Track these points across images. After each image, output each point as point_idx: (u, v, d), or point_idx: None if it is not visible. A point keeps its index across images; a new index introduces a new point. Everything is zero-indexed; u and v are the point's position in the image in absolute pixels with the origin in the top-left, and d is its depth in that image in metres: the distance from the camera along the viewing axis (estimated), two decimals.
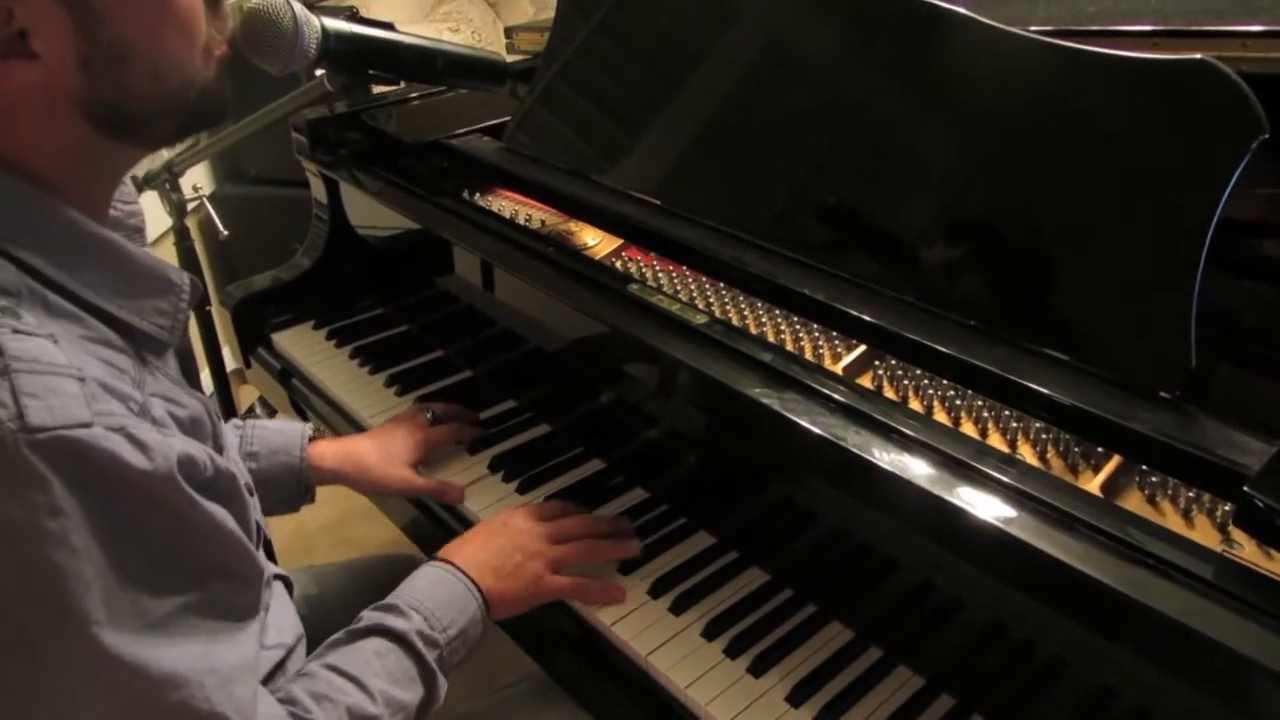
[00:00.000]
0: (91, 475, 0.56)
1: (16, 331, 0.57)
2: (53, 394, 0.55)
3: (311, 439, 1.11)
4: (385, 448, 1.12)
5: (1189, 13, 1.02)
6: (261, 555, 0.81)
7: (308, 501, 1.12)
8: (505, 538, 0.95)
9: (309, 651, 0.85)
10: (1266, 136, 0.76)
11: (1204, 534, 0.69)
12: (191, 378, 0.77)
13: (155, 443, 0.59)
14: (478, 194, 1.28)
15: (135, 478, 0.58)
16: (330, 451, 1.11)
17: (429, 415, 1.17)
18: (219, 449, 0.70)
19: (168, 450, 0.60)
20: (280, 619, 0.87)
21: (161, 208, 1.39)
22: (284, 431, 1.10)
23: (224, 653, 0.64)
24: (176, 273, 0.71)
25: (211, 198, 1.46)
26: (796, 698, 0.86)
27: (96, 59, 0.61)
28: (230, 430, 1.07)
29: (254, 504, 0.78)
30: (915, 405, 0.85)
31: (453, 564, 0.91)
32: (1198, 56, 0.80)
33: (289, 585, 0.97)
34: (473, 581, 0.90)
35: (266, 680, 0.79)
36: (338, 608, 0.93)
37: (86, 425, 0.56)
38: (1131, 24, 1.01)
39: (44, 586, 0.56)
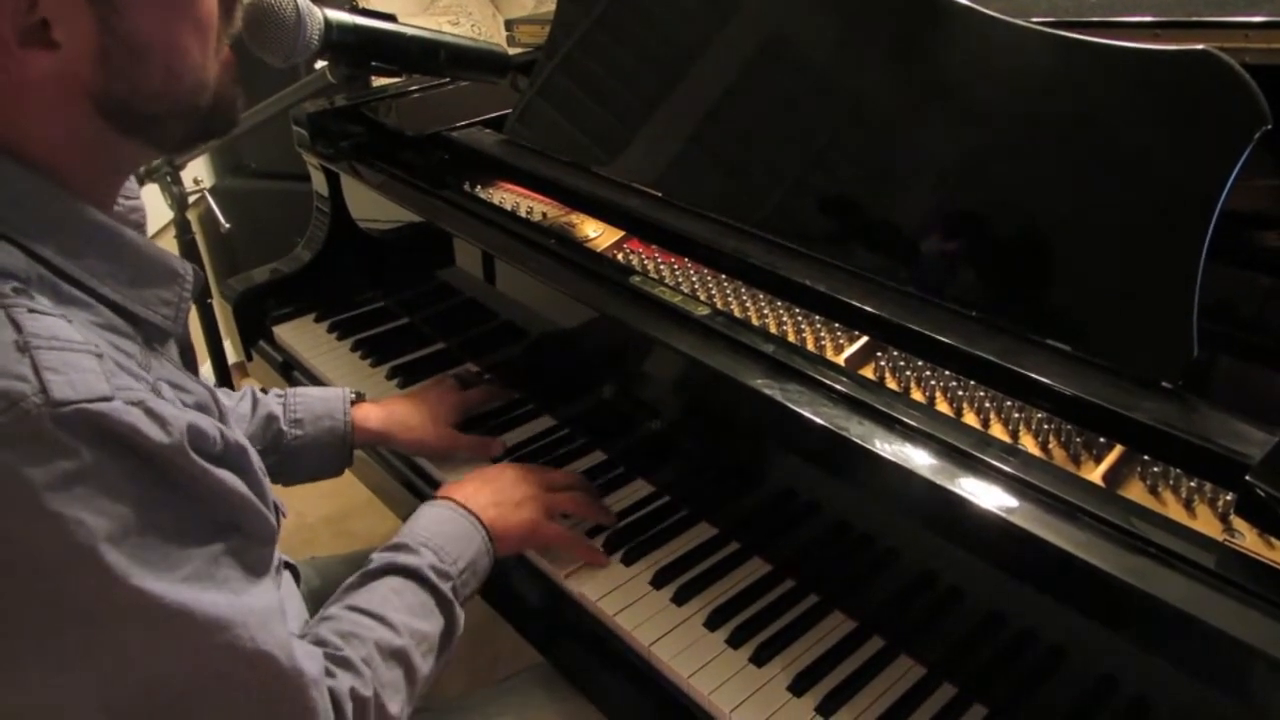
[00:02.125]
0: (114, 445, 0.58)
1: (32, 311, 0.58)
2: (73, 369, 0.57)
3: (354, 402, 1.13)
4: (428, 408, 1.16)
5: (1191, 3, 1.02)
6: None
7: (348, 464, 1.15)
8: (501, 481, 1.00)
9: None
10: (1269, 128, 0.76)
11: (1206, 523, 0.69)
12: (191, 368, 0.78)
13: (170, 415, 0.61)
14: (479, 186, 1.28)
15: (153, 448, 0.59)
16: (375, 413, 1.14)
17: (459, 382, 1.23)
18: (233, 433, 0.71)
19: (180, 422, 0.61)
20: (290, 606, 0.88)
21: (163, 200, 1.38)
22: (326, 398, 1.12)
23: (257, 598, 0.66)
24: (180, 263, 0.72)
25: (213, 191, 1.46)
26: (799, 687, 0.86)
27: (114, 52, 0.62)
28: (274, 400, 1.10)
29: (267, 483, 0.79)
30: (917, 396, 0.85)
31: (453, 500, 0.94)
32: (1200, 47, 0.80)
33: (296, 575, 0.98)
34: (475, 515, 0.93)
35: None
36: None
37: (108, 399, 0.57)
38: (1133, 15, 1.01)
39: (80, 550, 0.57)
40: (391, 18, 1.20)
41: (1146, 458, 0.75)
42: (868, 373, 0.88)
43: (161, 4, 0.63)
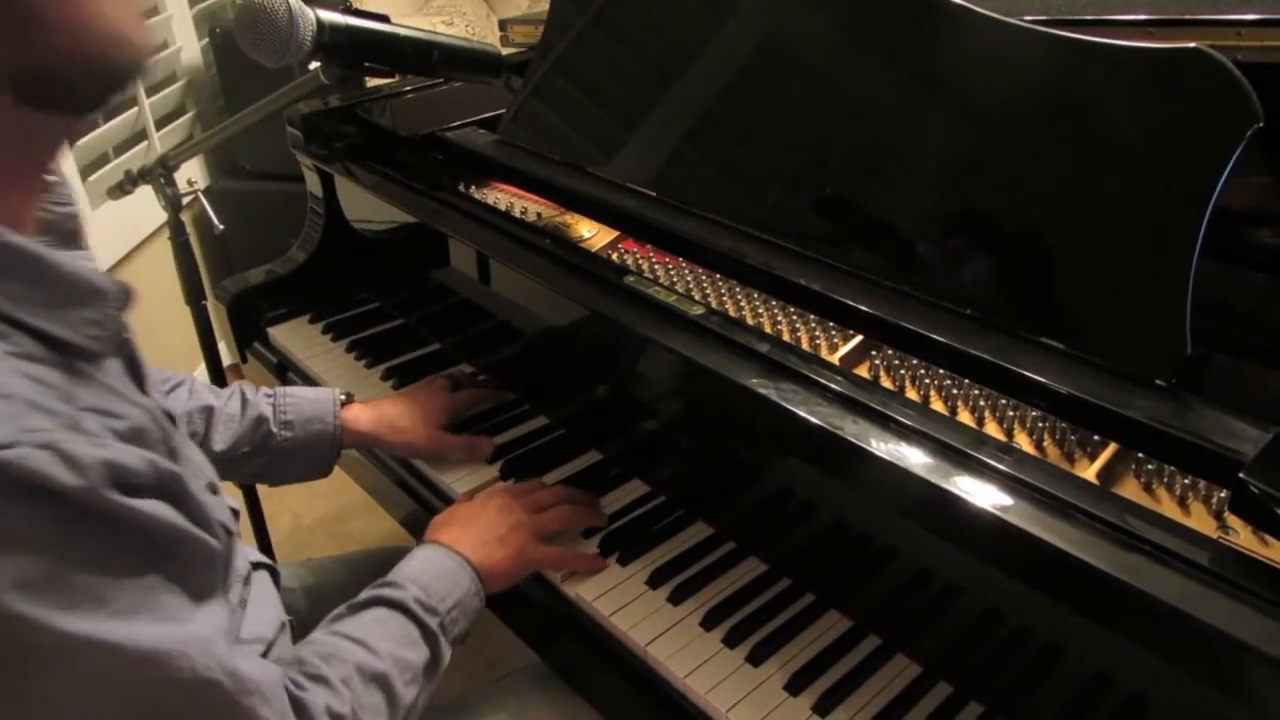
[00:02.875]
0: (19, 491, 0.54)
1: None
2: None
3: (344, 403, 1.13)
4: (417, 409, 1.16)
5: (1184, 1, 1.02)
6: (239, 546, 0.81)
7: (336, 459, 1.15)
8: (487, 514, 0.99)
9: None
10: (1261, 125, 0.76)
11: (1200, 520, 0.70)
12: (140, 382, 0.74)
13: (84, 455, 0.57)
14: (473, 187, 1.28)
15: (64, 490, 0.56)
16: (365, 415, 1.13)
17: (449, 382, 1.22)
18: (171, 453, 0.68)
19: (94, 460, 0.58)
20: (261, 610, 0.87)
21: (156, 202, 1.38)
22: (316, 400, 1.12)
23: (200, 624, 0.64)
24: (104, 279, 0.67)
25: (207, 192, 1.45)
26: (795, 686, 0.86)
27: (6, 27, 0.56)
28: (264, 400, 1.09)
29: (217, 502, 0.76)
30: (912, 394, 0.85)
31: (440, 542, 0.93)
32: (1193, 45, 0.80)
33: (275, 575, 0.97)
34: (463, 556, 0.92)
35: None
36: (337, 601, 0.93)
37: (9, 445, 0.54)
38: (1126, 13, 1.01)
39: None
40: (385, 18, 1.19)
41: (1141, 455, 0.75)
42: (862, 371, 0.88)
43: None
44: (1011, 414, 0.81)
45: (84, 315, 0.64)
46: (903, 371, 0.87)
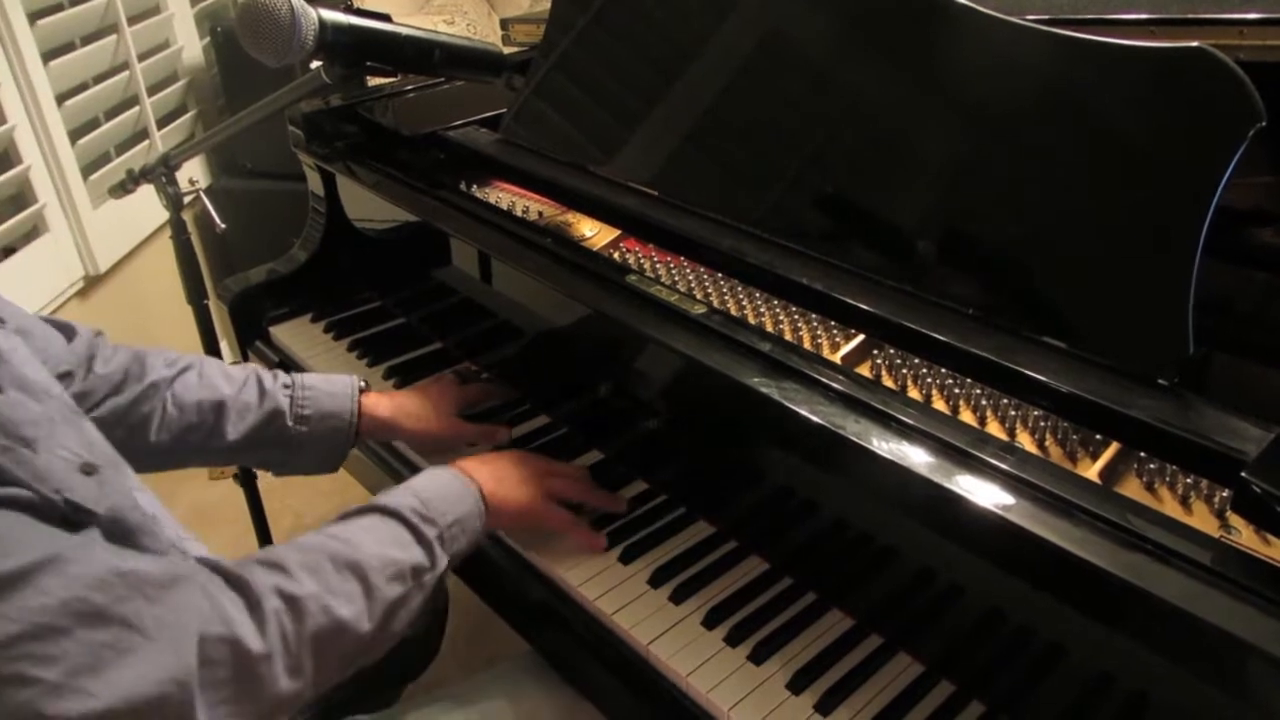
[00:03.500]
0: None
1: None
2: None
3: (362, 391, 1.12)
4: (433, 400, 1.16)
5: (1186, 1, 1.02)
6: (158, 528, 0.78)
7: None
8: (503, 460, 1.01)
9: None
10: (1263, 124, 0.76)
11: (1202, 520, 0.70)
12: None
13: None
14: (474, 186, 1.28)
15: None
16: (383, 403, 1.13)
17: (458, 378, 1.23)
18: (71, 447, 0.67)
19: None
20: None
21: (158, 202, 1.38)
22: (334, 394, 1.09)
23: (56, 544, 0.62)
24: None
25: (208, 191, 1.46)
26: (797, 685, 0.86)
27: None
28: (281, 392, 1.07)
29: (103, 479, 0.73)
30: (914, 394, 0.85)
31: (454, 466, 0.94)
32: (1195, 44, 0.80)
33: None
34: (471, 479, 0.93)
35: None
36: None
37: None
38: (1128, 12, 1.01)
39: None
40: (386, 17, 1.19)
41: (1143, 455, 0.75)
42: (864, 371, 0.88)
43: None
44: (1014, 413, 0.81)
45: None
46: (905, 371, 0.87)
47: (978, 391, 0.83)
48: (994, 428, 0.80)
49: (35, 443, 0.67)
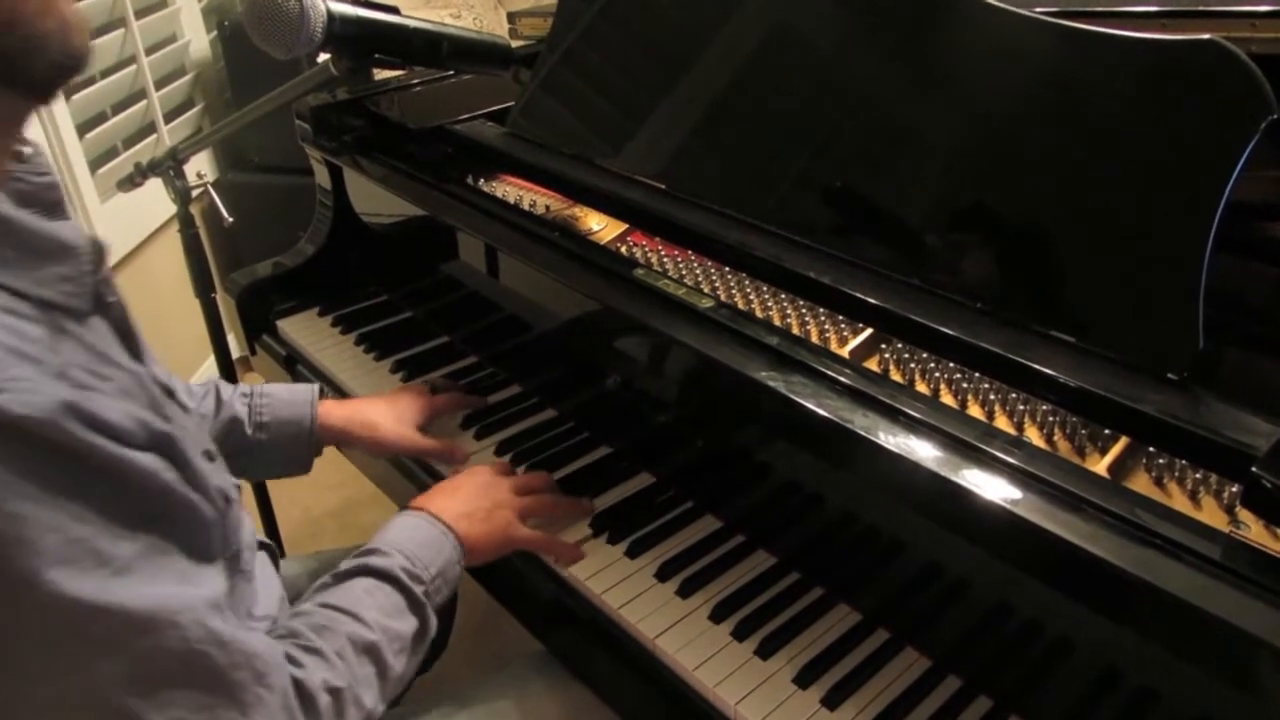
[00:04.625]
0: (9, 439, 0.55)
1: None
2: None
3: (321, 398, 1.12)
4: (393, 409, 1.15)
5: None
6: (245, 515, 0.82)
7: (317, 454, 1.14)
8: (471, 488, 0.99)
9: None
10: (1275, 117, 0.76)
11: (1211, 515, 0.69)
12: (134, 351, 0.73)
13: (74, 400, 0.58)
14: (482, 179, 1.28)
15: (59, 438, 0.56)
16: (338, 410, 1.13)
17: (429, 387, 1.21)
18: (164, 419, 0.68)
19: (84, 408, 0.58)
20: (268, 591, 0.88)
21: (166, 195, 1.38)
22: (292, 402, 1.10)
23: (194, 590, 0.64)
24: (76, 234, 0.67)
25: (216, 185, 1.45)
26: (805, 679, 0.86)
27: None
28: (239, 401, 1.08)
29: (215, 469, 0.76)
30: (922, 388, 0.85)
31: (425, 510, 0.93)
32: (1206, 37, 0.80)
33: (274, 556, 0.98)
34: (446, 525, 0.92)
35: None
36: None
37: None
38: (1139, 4, 1.01)
39: None
40: (394, 10, 1.19)
41: (1152, 449, 0.75)
42: (872, 365, 0.88)
43: None
44: (1022, 408, 0.81)
45: (56, 272, 0.64)
46: (913, 365, 0.87)
47: (986, 386, 0.83)
48: (1002, 422, 0.80)
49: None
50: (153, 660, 0.61)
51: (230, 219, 1.45)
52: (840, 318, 0.93)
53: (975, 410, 0.82)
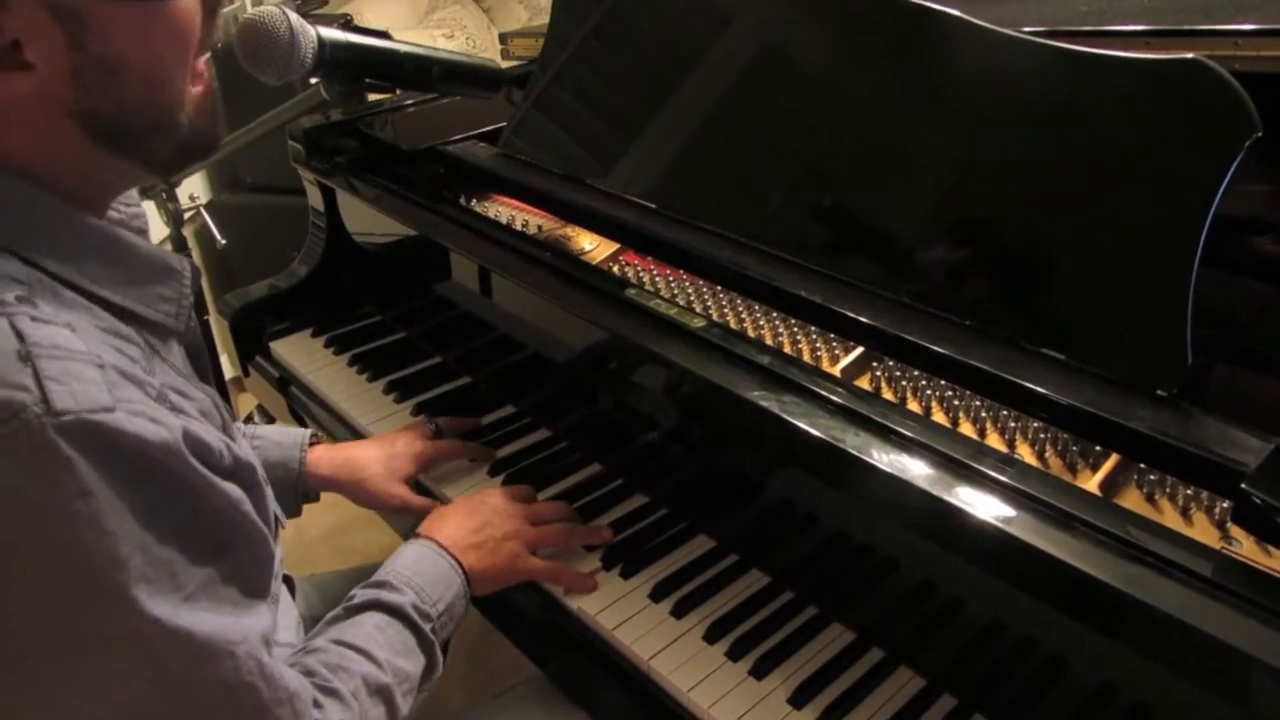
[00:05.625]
0: (116, 457, 0.57)
1: (35, 319, 0.58)
2: (74, 379, 0.56)
3: (311, 443, 1.11)
4: (385, 460, 1.11)
5: (1181, 12, 1.02)
6: (277, 544, 0.82)
7: (310, 502, 1.12)
8: (483, 516, 0.98)
9: None
10: (1260, 135, 0.76)
11: (1202, 531, 0.69)
12: (203, 373, 0.78)
13: (174, 426, 0.60)
14: (474, 200, 1.28)
15: (156, 459, 0.59)
16: (326, 459, 1.11)
17: (432, 428, 1.18)
18: (230, 440, 0.71)
19: (180, 433, 0.61)
20: (287, 618, 0.89)
21: (158, 217, 1.39)
22: (282, 444, 1.09)
23: (249, 622, 0.66)
24: (177, 259, 0.72)
25: (208, 206, 1.46)
26: (799, 699, 0.86)
27: (89, 70, 0.61)
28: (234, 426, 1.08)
29: (269, 493, 0.79)
30: (914, 406, 0.85)
31: (436, 541, 0.93)
32: (1190, 56, 0.80)
33: (292, 588, 0.98)
34: (456, 559, 0.92)
35: None
36: None
37: (109, 409, 0.57)
38: (1124, 24, 1.01)
39: (78, 568, 0.57)
40: (385, 34, 1.20)
41: (1143, 466, 0.75)
42: (864, 383, 0.88)
43: (134, 18, 0.62)
44: (1013, 425, 0.81)
45: (160, 292, 0.69)
46: (904, 383, 0.87)
47: (977, 403, 0.83)
48: (994, 440, 0.80)
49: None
50: (203, 687, 0.63)
51: (223, 241, 1.45)
52: (832, 336, 0.93)
53: (967, 428, 0.82)
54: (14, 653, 0.58)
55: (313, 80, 1.19)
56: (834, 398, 0.83)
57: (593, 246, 1.14)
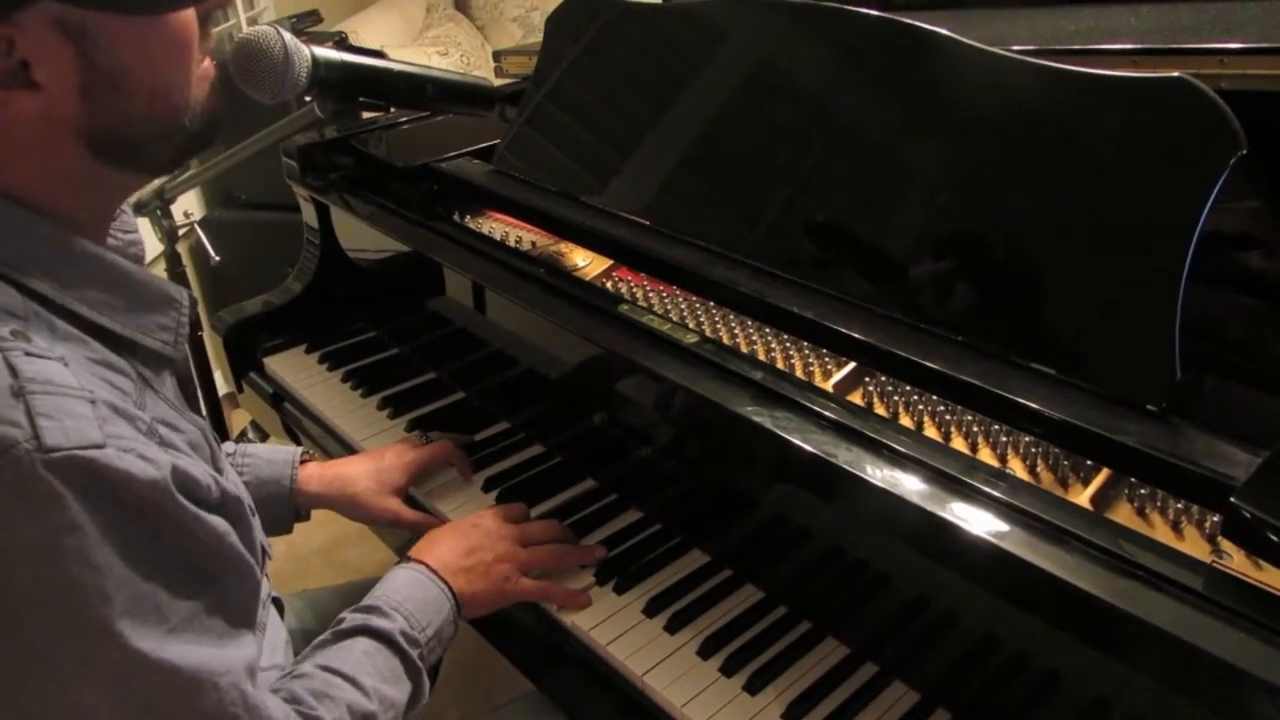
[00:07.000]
0: (105, 492, 0.57)
1: (29, 354, 0.58)
2: (66, 415, 0.57)
3: (303, 461, 1.11)
4: (375, 474, 1.11)
5: (1168, 31, 1.04)
6: (263, 575, 0.82)
7: (302, 520, 1.12)
8: (475, 539, 0.98)
9: None
10: (1244, 153, 0.77)
11: (1193, 545, 0.70)
12: (191, 401, 0.78)
13: (162, 462, 0.61)
14: (468, 216, 1.29)
15: (143, 496, 0.59)
16: (317, 476, 1.11)
17: (424, 442, 1.18)
18: (218, 471, 0.71)
19: (174, 467, 0.61)
20: (274, 640, 0.88)
21: (153, 234, 1.39)
22: (274, 462, 1.09)
23: (234, 653, 0.66)
24: (175, 289, 0.72)
25: (203, 223, 1.47)
26: (793, 714, 0.86)
27: (96, 86, 0.61)
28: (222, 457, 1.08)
29: (256, 524, 0.79)
30: (905, 421, 0.85)
31: (426, 565, 0.93)
32: (1176, 74, 0.81)
33: (281, 609, 0.98)
34: (446, 584, 0.92)
35: None
36: None
37: (99, 446, 0.57)
38: (1111, 43, 1.03)
39: (64, 601, 0.57)
40: (379, 53, 1.21)
41: (1134, 480, 0.75)
42: (856, 398, 0.88)
43: (138, 32, 0.62)
44: (1005, 440, 0.81)
45: (158, 321, 0.69)
46: (896, 398, 0.87)
47: (969, 418, 0.84)
48: (985, 454, 0.81)
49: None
50: (187, 719, 0.62)
51: (217, 257, 1.45)
52: (824, 352, 0.94)
53: (959, 442, 0.82)
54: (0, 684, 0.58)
55: (307, 99, 1.20)
56: (827, 413, 0.84)
57: (586, 263, 1.14)
